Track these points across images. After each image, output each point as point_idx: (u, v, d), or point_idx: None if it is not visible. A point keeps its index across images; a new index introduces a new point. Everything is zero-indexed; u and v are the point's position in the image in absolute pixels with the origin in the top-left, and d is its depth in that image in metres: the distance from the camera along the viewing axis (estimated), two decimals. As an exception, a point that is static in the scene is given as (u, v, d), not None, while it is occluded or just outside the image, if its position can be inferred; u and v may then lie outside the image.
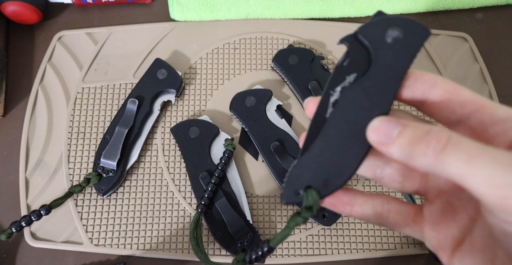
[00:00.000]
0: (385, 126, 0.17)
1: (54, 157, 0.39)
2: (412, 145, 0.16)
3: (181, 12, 0.44)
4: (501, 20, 0.47)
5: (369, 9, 0.46)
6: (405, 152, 0.16)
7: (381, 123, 0.18)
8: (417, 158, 0.16)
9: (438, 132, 0.16)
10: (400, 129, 0.17)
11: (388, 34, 0.17)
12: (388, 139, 0.17)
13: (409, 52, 0.18)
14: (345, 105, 0.18)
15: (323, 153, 0.19)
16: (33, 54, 0.43)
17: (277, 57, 0.42)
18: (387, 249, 0.37)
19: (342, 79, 0.19)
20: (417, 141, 0.16)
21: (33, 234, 0.36)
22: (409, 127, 0.17)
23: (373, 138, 0.18)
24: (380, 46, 0.17)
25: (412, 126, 0.17)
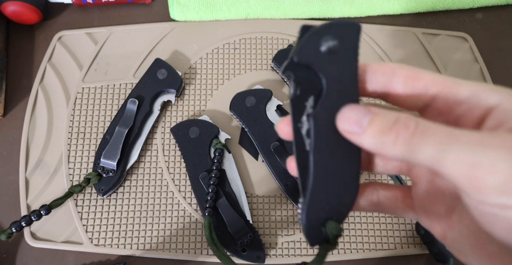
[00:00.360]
0: (354, 114, 0.17)
1: (54, 157, 0.39)
2: (383, 135, 0.16)
3: (181, 12, 0.44)
4: (501, 20, 0.47)
5: (369, 9, 0.46)
6: (376, 142, 0.16)
7: (350, 111, 0.17)
8: (388, 148, 0.16)
9: (405, 119, 0.16)
10: (370, 118, 0.16)
11: (323, 46, 0.17)
12: (359, 128, 0.17)
13: (350, 53, 0.18)
14: (319, 130, 0.18)
15: (324, 184, 0.18)
16: (33, 54, 0.43)
17: (277, 57, 0.42)
18: (387, 249, 0.37)
19: (303, 108, 0.18)
20: (386, 130, 0.16)
21: (33, 234, 0.36)
22: (378, 116, 0.16)
23: (343, 128, 0.17)
24: (321, 61, 0.17)
25: (381, 114, 0.16)
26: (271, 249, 0.36)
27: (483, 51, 0.45)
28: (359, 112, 0.17)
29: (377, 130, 0.16)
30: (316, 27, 0.17)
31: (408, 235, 0.37)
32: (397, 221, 0.38)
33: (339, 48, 0.17)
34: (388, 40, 0.45)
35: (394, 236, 0.37)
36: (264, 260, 0.35)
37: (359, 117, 0.17)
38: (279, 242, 0.37)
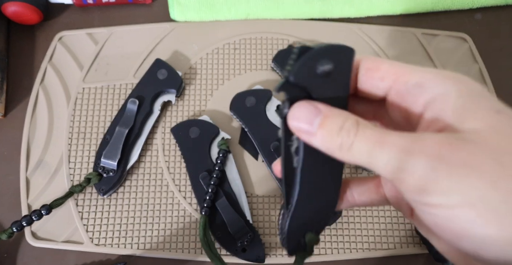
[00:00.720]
0: (305, 113, 0.17)
1: (55, 157, 0.39)
2: (331, 140, 0.17)
3: (181, 13, 0.44)
4: (500, 21, 0.47)
5: (368, 9, 0.46)
6: (325, 145, 0.17)
7: (300, 109, 0.17)
8: (335, 152, 0.17)
9: (349, 125, 0.16)
10: (321, 120, 0.17)
11: (318, 69, 0.17)
12: (311, 128, 0.17)
13: (343, 76, 0.18)
14: (307, 150, 0.18)
15: (308, 200, 0.19)
16: (33, 54, 0.43)
17: (277, 57, 0.42)
18: (386, 248, 0.37)
19: None
20: (334, 136, 0.17)
21: (33, 233, 0.36)
22: (328, 119, 0.17)
23: (294, 125, 0.17)
24: (316, 83, 0.17)
25: (330, 117, 0.17)
26: (271, 249, 0.36)
27: (482, 52, 0.45)
28: (309, 111, 0.17)
29: (326, 135, 0.17)
30: (314, 49, 0.17)
31: (408, 235, 0.37)
32: (397, 220, 0.38)
33: (334, 71, 0.17)
34: (388, 40, 0.45)
35: (393, 235, 0.37)
36: (264, 260, 0.35)
37: (310, 116, 0.17)
38: (279, 242, 0.37)
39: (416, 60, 0.44)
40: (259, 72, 0.43)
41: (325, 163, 0.19)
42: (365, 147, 0.16)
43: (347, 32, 0.45)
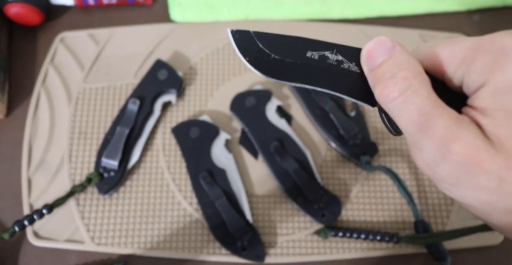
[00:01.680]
0: (376, 49, 0.17)
1: (56, 157, 0.39)
2: (378, 81, 0.17)
3: (182, 13, 0.45)
4: (498, 22, 0.47)
5: (367, 11, 0.46)
6: (372, 84, 0.17)
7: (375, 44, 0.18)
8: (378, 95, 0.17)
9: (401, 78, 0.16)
10: (384, 59, 0.17)
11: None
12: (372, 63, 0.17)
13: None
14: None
15: None
16: (35, 55, 0.43)
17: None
18: (385, 248, 0.37)
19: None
20: (382, 79, 0.17)
21: (35, 233, 0.36)
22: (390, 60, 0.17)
23: (363, 58, 0.18)
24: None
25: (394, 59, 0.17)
26: (270, 248, 0.37)
27: (481, 52, 0.45)
28: (382, 46, 0.17)
29: (377, 75, 0.17)
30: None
31: (407, 234, 0.38)
32: (396, 220, 0.38)
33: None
34: (387, 41, 0.45)
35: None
36: (264, 259, 0.35)
37: (379, 51, 0.17)
38: (279, 241, 0.37)
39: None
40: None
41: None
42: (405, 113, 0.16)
43: (346, 33, 0.45)
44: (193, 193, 0.38)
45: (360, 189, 0.39)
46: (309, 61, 0.19)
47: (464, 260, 0.37)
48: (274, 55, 0.19)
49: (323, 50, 0.19)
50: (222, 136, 0.39)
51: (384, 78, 0.17)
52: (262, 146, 0.38)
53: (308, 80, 0.19)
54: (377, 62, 0.17)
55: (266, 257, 0.36)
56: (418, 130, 0.16)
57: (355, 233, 0.36)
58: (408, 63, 0.17)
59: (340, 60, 0.19)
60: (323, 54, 0.19)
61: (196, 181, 0.37)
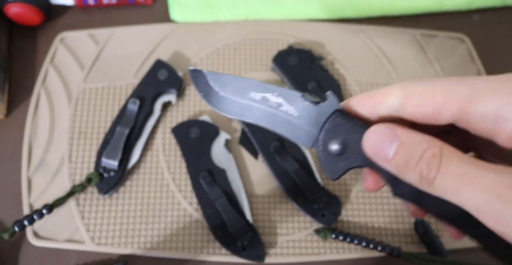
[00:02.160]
0: (380, 141, 0.16)
1: (56, 157, 0.39)
2: (407, 170, 0.16)
3: (182, 13, 0.45)
4: (498, 21, 0.47)
5: (367, 11, 0.46)
6: (401, 172, 0.16)
7: (376, 135, 0.17)
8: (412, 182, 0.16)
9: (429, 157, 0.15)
10: (396, 147, 0.16)
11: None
12: (385, 156, 0.16)
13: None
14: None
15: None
16: (35, 55, 0.43)
17: (277, 58, 0.42)
18: (385, 248, 0.37)
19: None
20: (411, 167, 0.16)
21: (35, 233, 0.36)
22: (404, 146, 0.16)
23: (370, 152, 0.17)
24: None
25: (407, 144, 0.16)
26: (270, 248, 0.37)
27: (481, 52, 0.45)
28: (385, 136, 0.16)
29: (402, 164, 0.16)
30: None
31: (407, 234, 0.38)
32: (396, 220, 0.38)
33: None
34: (387, 41, 0.45)
35: (392, 235, 0.38)
36: (264, 259, 0.35)
37: (385, 143, 0.16)
38: (279, 241, 0.37)
39: (414, 60, 0.45)
40: (259, 73, 0.43)
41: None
42: (451, 184, 0.14)
43: (347, 33, 0.45)
44: (193, 193, 0.38)
45: (360, 189, 0.39)
46: (251, 101, 0.21)
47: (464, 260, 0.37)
48: (222, 93, 0.21)
49: (265, 92, 0.21)
50: (222, 136, 0.39)
51: (412, 164, 0.15)
52: (262, 146, 0.38)
53: (251, 117, 0.21)
54: (390, 153, 0.16)
55: (266, 257, 0.36)
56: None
57: (356, 239, 0.36)
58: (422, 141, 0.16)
59: (280, 103, 0.20)
60: (265, 95, 0.21)
61: (196, 181, 0.37)
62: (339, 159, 0.19)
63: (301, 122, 0.20)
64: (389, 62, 0.44)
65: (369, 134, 0.17)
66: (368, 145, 0.17)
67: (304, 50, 0.42)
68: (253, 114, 0.21)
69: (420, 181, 0.16)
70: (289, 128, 0.20)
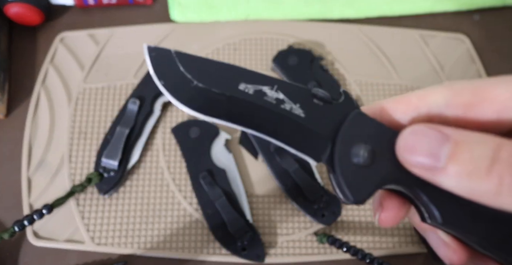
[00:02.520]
0: (425, 142, 0.12)
1: (56, 157, 0.39)
2: (476, 179, 0.11)
3: (182, 13, 0.45)
4: (498, 22, 0.47)
5: (367, 11, 0.46)
6: (465, 186, 0.11)
7: (417, 136, 0.12)
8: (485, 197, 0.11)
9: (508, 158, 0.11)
10: (450, 149, 0.12)
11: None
12: (435, 163, 0.12)
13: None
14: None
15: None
16: (35, 55, 0.43)
17: (277, 58, 0.42)
18: (385, 248, 0.37)
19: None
20: (482, 173, 0.11)
21: (35, 233, 0.36)
22: (463, 146, 0.12)
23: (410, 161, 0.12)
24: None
25: (467, 143, 0.12)
26: (270, 248, 0.37)
27: (481, 52, 0.45)
28: (431, 137, 0.12)
29: (465, 171, 0.11)
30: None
31: (407, 234, 0.38)
32: (396, 220, 0.38)
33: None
34: (386, 41, 0.45)
35: (392, 235, 0.38)
36: (264, 259, 0.35)
37: (432, 145, 0.12)
38: (279, 241, 0.37)
39: (414, 60, 0.45)
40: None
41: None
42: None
43: (347, 33, 0.45)
44: (193, 193, 0.38)
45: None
46: (241, 96, 0.15)
47: (464, 260, 0.37)
48: (197, 82, 0.15)
49: (261, 84, 0.15)
50: (222, 136, 0.39)
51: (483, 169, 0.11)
52: (262, 146, 0.38)
53: (237, 119, 0.15)
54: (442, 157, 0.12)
55: (266, 257, 0.36)
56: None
57: (352, 250, 0.34)
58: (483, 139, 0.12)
59: (281, 99, 0.15)
60: (260, 89, 0.15)
61: (196, 181, 0.37)
62: (366, 173, 0.14)
63: (309, 126, 0.15)
64: (389, 62, 0.44)
65: (405, 136, 0.13)
66: (406, 151, 0.13)
67: (304, 50, 0.42)
68: (241, 116, 0.15)
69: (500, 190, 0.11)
70: (293, 134, 0.15)
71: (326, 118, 0.15)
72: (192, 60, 0.16)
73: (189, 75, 0.15)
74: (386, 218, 0.15)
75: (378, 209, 0.15)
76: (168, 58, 0.15)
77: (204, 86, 0.15)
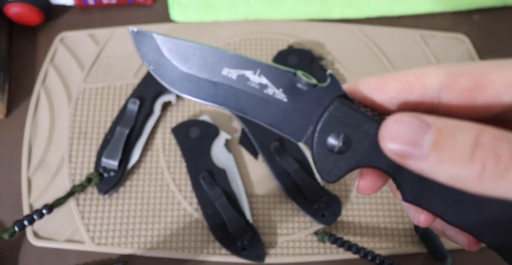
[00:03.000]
0: (406, 129, 0.12)
1: (56, 157, 0.39)
2: (459, 165, 0.11)
3: (182, 13, 0.45)
4: (498, 22, 0.47)
5: (367, 11, 0.46)
6: (448, 174, 0.12)
7: (398, 124, 0.13)
8: (468, 183, 0.12)
9: (491, 141, 0.11)
10: (433, 136, 0.12)
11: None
12: (417, 150, 0.12)
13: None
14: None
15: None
16: (35, 55, 0.43)
17: (277, 58, 0.42)
18: (385, 248, 0.37)
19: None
20: (464, 159, 0.11)
21: (35, 233, 0.36)
22: (445, 133, 0.12)
23: (390, 148, 0.13)
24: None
25: (448, 130, 0.12)
26: (271, 248, 0.37)
27: (480, 52, 0.45)
28: (412, 125, 0.12)
29: (448, 158, 0.11)
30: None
31: (407, 234, 0.38)
32: (396, 220, 0.38)
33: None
34: (386, 41, 0.45)
35: (392, 235, 0.38)
36: (264, 259, 0.35)
37: (414, 133, 0.12)
38: (279, 241, 0.37)
39: (414, 60, 0.45)
40: (259, 73, 0.43)
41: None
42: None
43: (347, 33, 0.45)
44: (193, 193, 0.38)
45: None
46: (224, 81, 0.16)
47: (464, 260, 0.37)
48: (182, 69, 0.16)
49: (243, 69, 0.16)
50: (222, 136, 0.39)
51: (465, 154, 0.11)
52: (262, 146, 0.38)
53: (223, 102, 0.16)
54: (424, 145, 0.12)
55: (266, 257, 0.36)
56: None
57: (353, 248, 0.35)
58: (465, 125, 0.12)
59: (264, 84, 0.16)
60: (243, 74, 0.16)
61: (196, 181, 0.37)
62: (340, 158, 0.15)
63: (292, 110, 0.16)
64: (389, 62, 0.44)
65: (388, 125, 0.13)
66: (389, 139, 0.13)
67: (304, 50, 0.42)
68: (226, 99, 0.16)
69: (482, 175, 0.11)
70: (276, 117, 0.16)
71: (308, 102, 0.16)
72: (175, 44, 0.16)
73: (174, 61, 0.16)
74: (364, 186, 0.16)
75: (358, 176, 0.16)
76: (152, 43, 0.16)
77: (189, 72, 0.16)
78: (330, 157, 0.15)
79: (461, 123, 0.12)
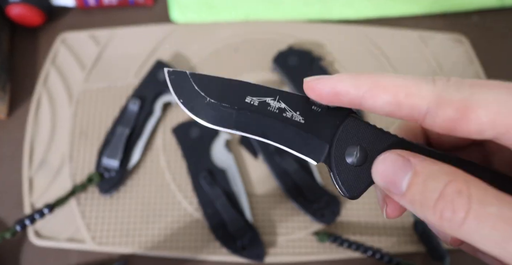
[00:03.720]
0: (391, 170, 0.14)
1: (57, 156, 0.39)
2: (424, 207, 0.13)
3: (182, 14, 0.45)
4: (497, 22, 0.48)
5: (367, 11, 0.46)
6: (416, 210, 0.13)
7: (386, 162, 0.14)
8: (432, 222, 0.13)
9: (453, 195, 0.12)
10: (409, 179, 0.13)
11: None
12: (397, 189, 0.14)
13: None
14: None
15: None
16: (36, 55, 0.44)
17: (277, 58, 0.42)
18: (384, 247, 0.37)
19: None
20: (429, 205, 0.13)
21: (36, 232, 0.37)
22: (419, 177, 0.13)
23: (380, 184, 0.14)
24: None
25: (423, 175, 0.13)
26: (270, 248, 0.37)
27: (479, 53, 0.45)
28: (396, 165, 0.14)
29: (417, 201, 0.13)
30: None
31: (406, 234, 0.38)
32: (395, 220, 0.38)
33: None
34: (386, 41, 0.45)
35: (391, 234, 0.38)
36: (264, 259, 0.36)
37: (395, 173, 0.14)
38: (279, 240, 0.37)
39: (413, 61, 0.45)
40: (259, 73, 0.43)
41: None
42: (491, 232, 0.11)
43: (346, 34, 0.46)
44: (193, 193, 0.38)
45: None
46: (248, 107, 0.17)
47: (463, 260, 0.37)
48: (209, 99, 0.18)
49: (264, 96, 0.17)
50: (222, 136, 0.39)
51: (430, 201, 0.12)
52: (262, 146, 0.39)
53: (246, 128, 0.17)
54: (403, 185, 0.13)
55: (266, 256, 0.36)
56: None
57: (353, 245, 0.35)
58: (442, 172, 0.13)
59: (283, 108, 0.17)
60: (264, 100, 0.17)
61: (196, 181, 0.37)
62: (360, 169, 0.16)
63: (309, 130, 0.17)
64: (389, 62, 0.45)
65: (378, 163, 0.15)
66: (377, 175, 0.15)
67: (304, 51, 0.42)
68: (249, 125, 0.17)
69: (441, 223, 0.12)
70: (295, 139, 0.17)
71: (323, 122, 0.17)
72: (204, 79, 0.18)
73: (202, 92, 0.18)
74: (391, 212, 0.17)
75: (383, 205, 0.17)
76: (184, 79, 0.18)
77: (215, 101, 0.18)
78: (350, 171, 0.16)
79: (439, 168, 0.13)
